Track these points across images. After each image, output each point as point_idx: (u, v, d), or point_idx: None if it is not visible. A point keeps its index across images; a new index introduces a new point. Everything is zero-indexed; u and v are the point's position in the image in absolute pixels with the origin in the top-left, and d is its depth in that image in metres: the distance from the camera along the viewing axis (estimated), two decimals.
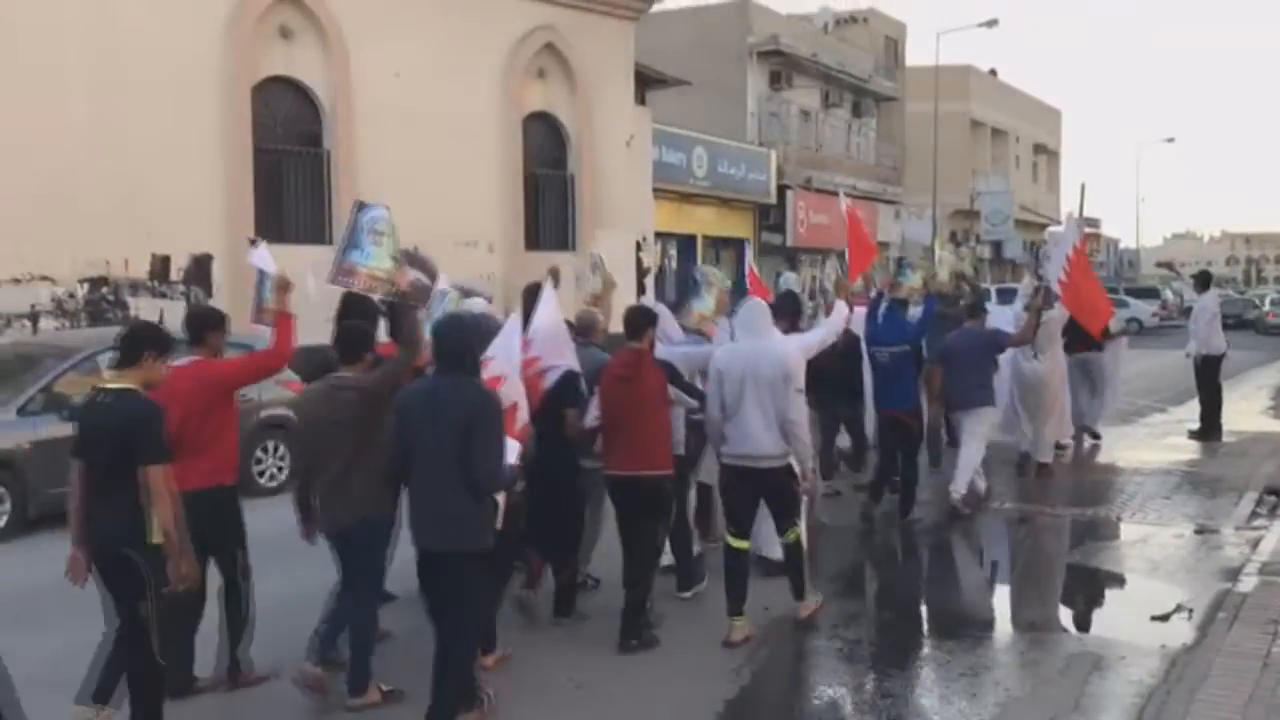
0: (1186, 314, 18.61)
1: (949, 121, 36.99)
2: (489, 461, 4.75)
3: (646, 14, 21.16)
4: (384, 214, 5.85)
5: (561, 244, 19.28)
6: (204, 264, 14.41)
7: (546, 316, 6.21)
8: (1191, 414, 13.86)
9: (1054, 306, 10.26)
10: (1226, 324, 14.78)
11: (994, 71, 48.68)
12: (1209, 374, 13.27)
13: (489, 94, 17.76)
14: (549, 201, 19.45)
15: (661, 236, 24.73)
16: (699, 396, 6.42)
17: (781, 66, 31.75)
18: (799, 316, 8.63)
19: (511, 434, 5.17)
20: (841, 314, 7.73)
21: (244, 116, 14.76)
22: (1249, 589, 6.96)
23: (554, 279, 6.63)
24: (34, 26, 12.68)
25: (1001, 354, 9.83)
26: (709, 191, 26.98)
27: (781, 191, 29.69)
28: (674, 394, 6.16)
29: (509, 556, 5.97)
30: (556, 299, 6.38)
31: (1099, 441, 12.68)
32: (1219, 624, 6.30)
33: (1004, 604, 7.49)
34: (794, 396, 6.14)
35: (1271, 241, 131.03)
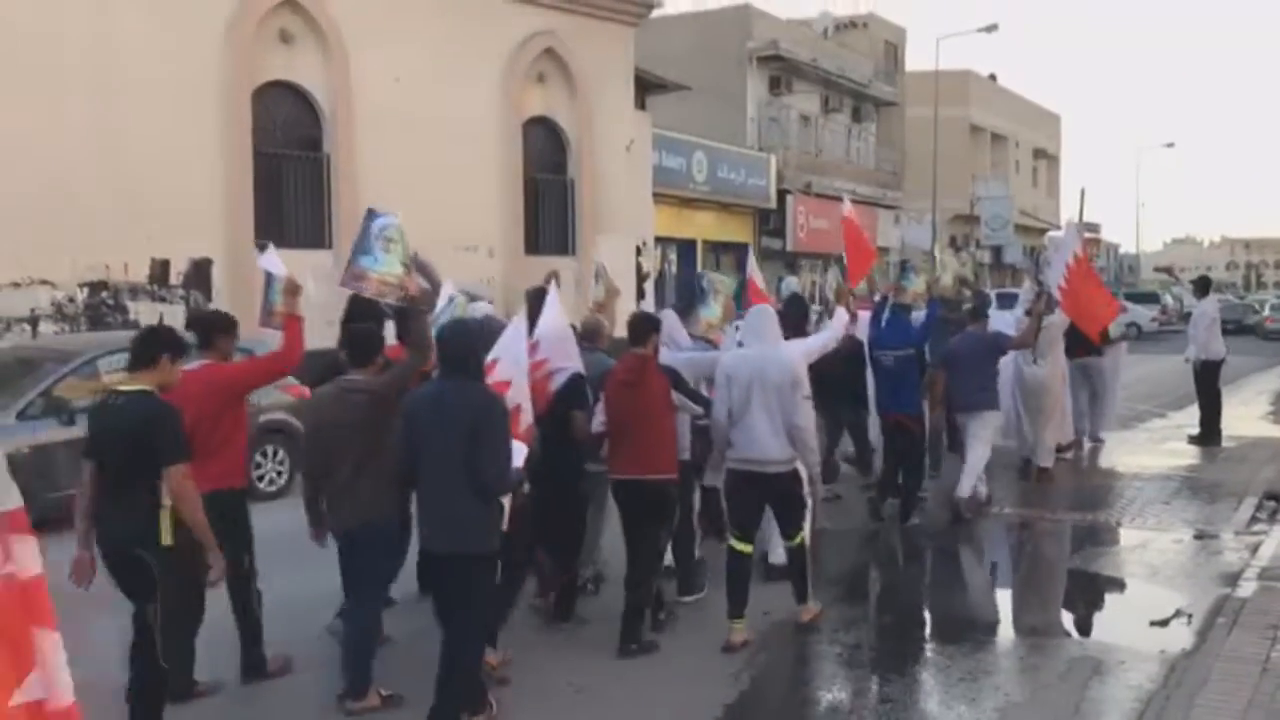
0: (1186, 319, 18.66)
1: (949, 126, 37.04)
2: (495, 464, 4.79)
3: (646, 19, 21.19)
4: (394, 221, 5.91)
5: (561, 249, 19.30)
6: (204, 268, 14.43)
7: (552, 319, 6.25)
8: (1191, 419, 13.86)
9: (1054, 311, 10.30)
10: (1226, 329, 14.78)
11: (994, 76, 48.74)
12: (1208, 379, 13.28)
13: (489, 98, 17.78)
14: (549, 206, 19.47)
15: (661, 241, 24.75)
16: (704, 403, 6.44)
17: (781, 71, 31.80)
18: (805, 321, 8.68)
19: (516, 436, 5.20)
20: (841, 320, 7.78)
21: (244, 121, 14.78)
22: (1248, 594, 6.95)
23: (554, 283, 6.69)
24: (34, 31, 12.70)
25: (1003, 356, 9.87)
26: (709, 196, 27.01)
27: (781, 196, 29.73)
28: (678, 400, 6.18)
29: (520, 560, 5.98)
30: (560, 302, 6.45)
31: (1101, 443, 12.72)
32: (1218, 629, 6.30)
33: (1004, 609, 7.49)
34: (801, 403, 6.18)
35: (1271, 247, 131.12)
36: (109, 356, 9.34)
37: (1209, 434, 13.08)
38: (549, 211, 19.47)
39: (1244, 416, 15.15)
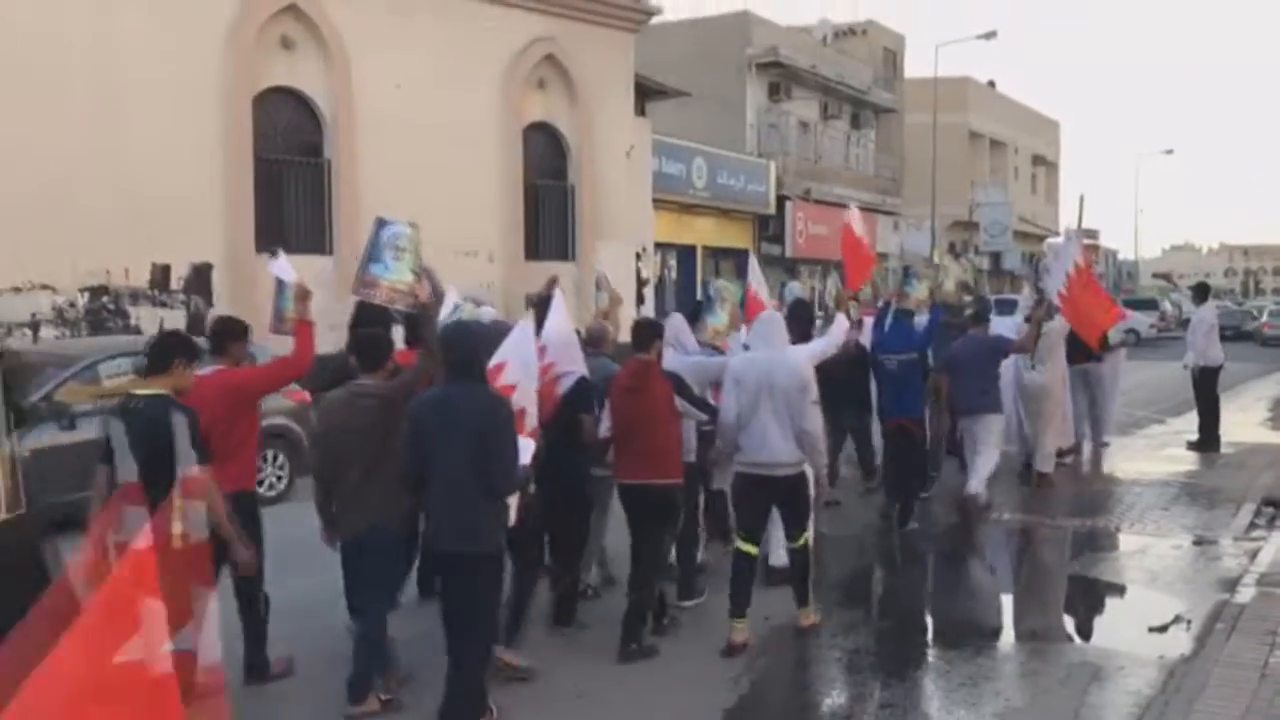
0: (1184, 325, 18.67)
1: (948, 133, 37.10)
2: (503, 464, 4.86)
3: (646, 25, 21.25)
4: (405, 230, 5.97)
5: (561, 254, 19.33)
6: (204, 273, 14.45)
7: (558, 324, 6.30)
8: (1190, 425, 13.87)
9: (1054, 318, 10.34)
10: (1224, 335, 14.79)
11: (992, 83, 48.83)
12: (1207, 385, 13.30)
13: (489, 104, 17.82)
14: (549, 211, 19.50)
15: (661, 247, 24.79)
16: (707, 409, 6.47)
17: (781, 78, 31.85)
18: (810, 326, 8.77)
19: (523, 433, 5.24)
20: (841, 326, 7.84)
21: (245, 126, 14.81)
22: (1247, 600, 6.97)
23: (553, 289, 6.75)
24: (36, 36, 12.73)
25: (1005, 359, 9.93)
26: (708, 202, 27.05)
27: (780, 202, 29.76)
28: (681, 405, 6.21)
29: (531, 561, 6.00)
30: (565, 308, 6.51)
31: (1106, 445, 12.79)
32: (1217, 635, 6.31)
33: (1004, 614, 7.50)
34: (810, 407, 6.23)
35: (1269, 253, 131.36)
36: (109, 361, 9.35)
37: (1208, 440, 13.10)
38: (549, 217, 19.50)
39: (1242, 423, 15.16)
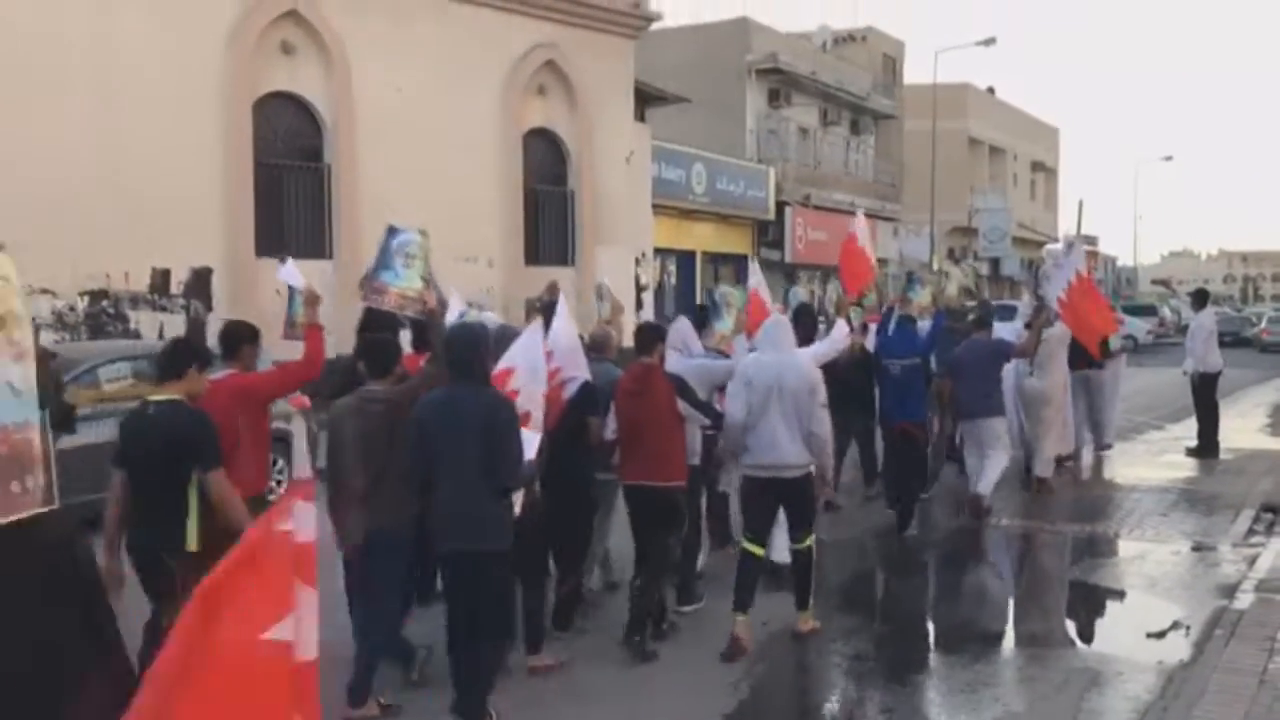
0: (1183, 331, 18.67)
1: (947, 139, 37.16)
2: (509, 460, 4.93)
3: (646, 32, 21.30)
4: (415, 238, 6.00)
5: (561, 259, 19.35)
6: (204, 277, 14.46)
7: (563, 330, 6.32)
8: (1189, 431, 13.88)
9: (1054, 324, 10.38)
10: (1223, 342, 14.79)
11: (992, 89, 48.89)
12: (1206, 392, 13.30)
13: (489, 110, 17.85)
14: (549, 217, 19.52)
15: (661, 252, 24.82)
16: (710, 413, 6.48)
17: (780, 84, 31.88)
18: (814, 330, 8.81)
19: (527, 428, 5.28)
20: (842, 331, 7.88)
21: (245, 131, 14.84)
22: (1245, 606, 6.97)
23: (556, 294, 6.80)
24: (37, 40, 12.76)
25: (1007, 363, 9.97)
26: (708, 208, 27.07)
27: (780, 208, 29.78)
28: (684, 408, 6.23)
29: (537, 564, 6.02)
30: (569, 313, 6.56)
31: (1110, 447, 12.82)
32: (1216, 641, 6.31)
33: (1003, 619, 7.50)
34: (819, 410, 6.26)
35: (1268, 259, 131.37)
36: (109, 365, 9.37)
37: (1207, 446, 13.10)
38: (549, 222, 19.52)
39: (1241, 429, 15.17)
